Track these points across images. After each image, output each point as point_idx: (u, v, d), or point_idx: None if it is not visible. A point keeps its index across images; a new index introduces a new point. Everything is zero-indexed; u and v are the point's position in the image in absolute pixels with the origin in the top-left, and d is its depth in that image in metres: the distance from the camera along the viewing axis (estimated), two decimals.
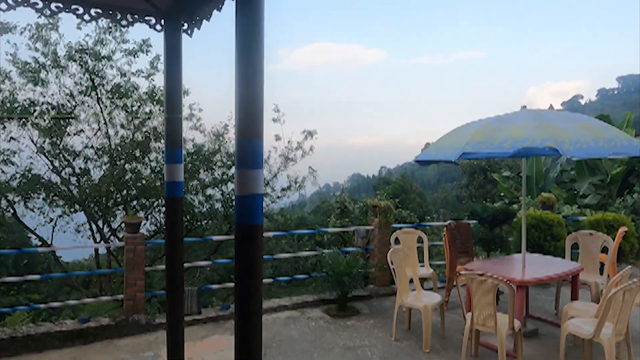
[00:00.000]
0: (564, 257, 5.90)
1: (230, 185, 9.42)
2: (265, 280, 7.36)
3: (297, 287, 10.43)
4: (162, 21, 3.36)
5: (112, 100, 8.57)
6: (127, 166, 8.44)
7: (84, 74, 8.33)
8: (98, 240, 8.95)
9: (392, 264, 4.86)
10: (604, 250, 5.82)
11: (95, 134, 8.67)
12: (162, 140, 8.12)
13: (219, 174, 9.21)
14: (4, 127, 7.90)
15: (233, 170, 9.46)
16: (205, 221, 9.43)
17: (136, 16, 3.31)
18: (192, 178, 8.66)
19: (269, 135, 9.35)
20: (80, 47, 8.18)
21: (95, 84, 8.44)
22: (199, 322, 5.42)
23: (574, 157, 3.82)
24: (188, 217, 8.76)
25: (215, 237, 7.44)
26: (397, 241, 6.36)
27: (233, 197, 9.27)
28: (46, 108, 8.16)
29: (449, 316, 5.44)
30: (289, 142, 9.69)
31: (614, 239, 5.79)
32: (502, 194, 16.70)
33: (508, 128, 4.36)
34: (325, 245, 9.57)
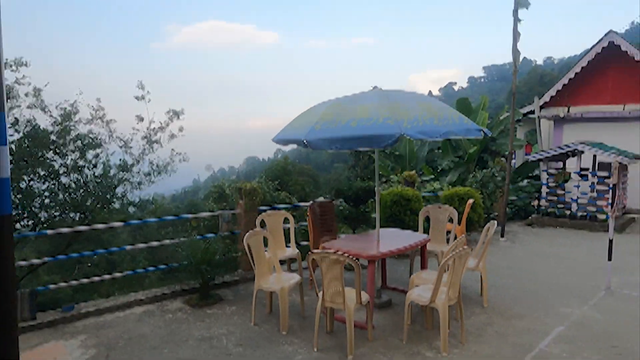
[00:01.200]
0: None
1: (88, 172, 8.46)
2: (120, 274, 6.77)
3: (164, 279, 9.88)
4: None
5: None
6: None
7: None
8: None
9: (248, 247, 4.70)
10: (453, 221, 6.35)
11: None
12: None
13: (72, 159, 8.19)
14: None
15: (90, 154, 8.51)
16: (59, 213, 8.37)
17: None
18: (36, 164, 7.56)
19: (132, 115, 8.53)
20: None
21: None
22: (34, 328, 4.74)
23: (409, 135, 3.97)
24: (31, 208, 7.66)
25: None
26: (263, 224, 6.24)
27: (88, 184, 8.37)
28: None
29: (313, 295, 5.49)
30: (163, 123, 8.95)
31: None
32: (380, 172, 17.66)
33: (356, 107, 4.42)
34: (202, 232, 9.15)
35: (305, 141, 4.24)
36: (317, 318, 4.23)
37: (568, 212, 10.47)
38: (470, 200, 7.66)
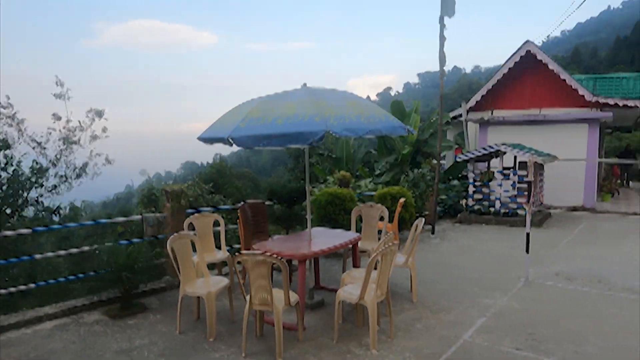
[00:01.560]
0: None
1: None
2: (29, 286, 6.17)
3: (92, 289, 9.18)
4: None
5: None
6: None
7: None
8: None
9: (172, 251, 4.45)
10: (384, 219, 6.45)
11: None
12: None
13: None
14: None
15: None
16: None
17: None
18: None
19: (47, 114, 7.85)
20: None
21: None
22: None
23: (335, 132, 3.95)
24: None
25: None
26: (193, 227, 5.97)
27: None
28: None
29: (243, 299, 5.31)
30: (82, 123, 8.30)
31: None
32: (317, 174, 17.74)
33: (282, 105, 4.33)
34: (130, 239, 8.60)
35: (230, 139, 4.09)
36: (245, 322, 4.08)
37: (492, 210, 11.08)
38: (402, 199, 7.83)
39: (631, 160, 13.98)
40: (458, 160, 12.03)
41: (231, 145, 4.11)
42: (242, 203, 5.85)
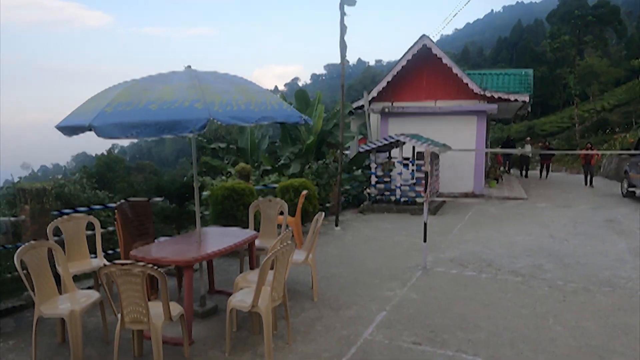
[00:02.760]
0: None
1: None
2: None
3: None
4: None
5: None
6: None
7: None
8: None
9: (22, 266, 3.65)
10: (284, 214, 6.12)
11: None
12: None
13: None
14: None
15: None
16: None
17: None
18: None
19: None
20: None
21: None
22: None
23: (220, 120, 3.48)
24: None
25: None
26: (59, 232, 5.09)
27: None
28: None
29: None
30: None
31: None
32: (220, 167, 16.93)
33: (159, 88, 3.74)
34: None
35: (91, 126, 3.41)
36: (116, 344, 3.46)
37: (393, 198, 11.37)
38: (304, 192, 7.59)
39: (517, 150, 15.37)
40: (360, 150, 12.15)
41: (97, 133, 3.43)
42: (120, 202, 5.10)
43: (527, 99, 13.98)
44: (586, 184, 17.40)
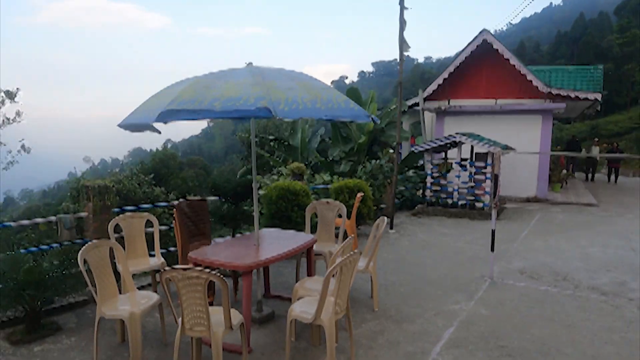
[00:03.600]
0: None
1: None
2: None
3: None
4: None
5: None
6: None
7: None
8: None
9: (85, 265, 3.61)
10: (342, 217, 5.86)
11: None
12: None
13: None
14: None
15: None
16: None
17: None
18: None
19: None
20: None
21: None
22: None
23: (287, 117, 3.28)
24: None
25: None
26: (118, 229, 5.11)
27: None
28: None
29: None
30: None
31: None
32: (271, 163, 16.93)
33: (222, 85, 3.57)
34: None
35: (154, 124, 3.29)
36: (176, 350, 3.34)
37: (450, 202, 10.82)
38: (360, 194, 7.28)
39: (586, 154, 14.30)
40: (415, 150, 11.68)
41: (159, 132, 3.31)
42: (179, 201, 5.03)
43: (599, 96, 12.92)
44: None
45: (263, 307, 4.62)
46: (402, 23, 8.48)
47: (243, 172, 16.50)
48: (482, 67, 13.84)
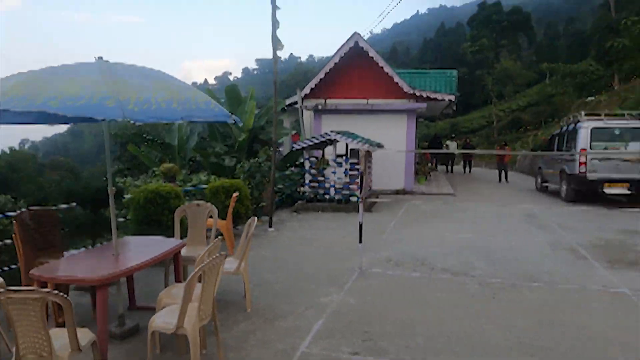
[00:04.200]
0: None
1: None
2: None
3: None
4: None
5: None
6: None
7: None
8: None
9: None
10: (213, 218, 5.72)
11: None
12: None
13: None
14: None
15: None
16: None
17: None
18: None
19: None
20: None
21: None
22: None
23: (138, 119, 3.07)
24: None
25: None
26: None
27: None
28: None
29: None
30: None
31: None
32: (147, 164, 15.85)
33: (62, 81, 3.22)
34: None
35: None
36: None
37: (328, 197, 11.28)
38: (235, 194, 7.21)
39: (445, 150, 16.04)
40: (294, 148, 11.93)
41: None
42: (19, 211, 4.42)
43: (452, 98, 14.56)
44: (500, 180, 18.40)
45: (126, 320, 4.30)
46: (275, 23, 8.56)
47: (114, 174, 15.17)
48: (354, 68, 14.65)
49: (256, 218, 4.95)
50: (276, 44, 8.50)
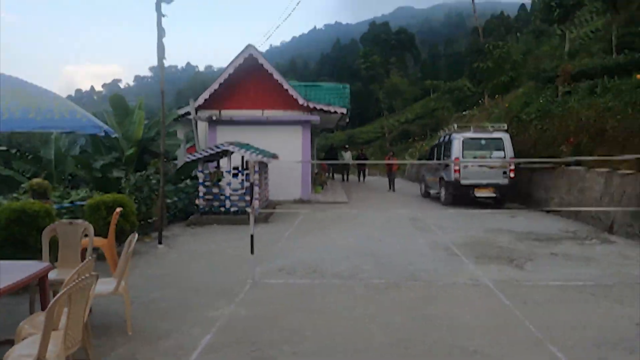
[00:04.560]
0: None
1: None
2: None
3: None
4: None
5: None
6: None
7: None
8: None
9: None
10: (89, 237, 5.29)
11: None
12: None
13: None
14: None
15: None
16: None
17: None
18: None
19: None
20: None
21: None
22: None
23: None
24: None
25: None
26: None
27: None
28: None
29: None
30: None
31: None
32: (17, 180, 14.06)
33: None
34: None
35: None
36: None
37: (223, 209, 11.08)
38: (118, 209, 6.74)
39: (341, 161, 16.76)
40: (187, 160, 11.55)
41: None
42: None
43: (344, 111, 15.29)
44: (390, 188, 19.67)
45: None
46: (161, 30, 8.26)
47: None
48: (250, 80, 14.67)
49: (137, 234, 4.70)
50: (162, 52, 8.21)
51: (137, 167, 13.19)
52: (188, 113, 14.97)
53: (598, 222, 9.80)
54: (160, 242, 8.48)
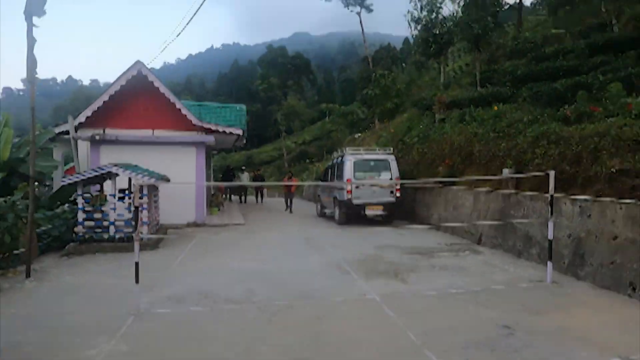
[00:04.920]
0: None
1: None
2: None
3: None
4: None
5: None
6: None
7: None
8: None
9: None
10: None
11: None
12: None
13: None
14: None
15: None
16: None
17: None
18: None
19: None
20: None
21: None
22: None
23: None
24: None
25: None
26: None
27: None
28: None
29: None
30: None
31: None
32: None
33: None
34: None
35: None
36: None
37: (107, 236, 10.21)
38: None
39: (237, 182, 16.51)
40: (65, 183, 10.49)
41: None
42: None
43: (240, 132, 15.21)
44: (287, 209, 19.72)
45: None
46: (31, 41, 7.51)
47: None
48: (139, 98, 13.91)
49: None
50: (33, 64, 7.45)
51: (1, 192, 11.62)
52: (67, 131, 13.65)
53: (470, 236, 10.97)
54: (28, 276, 7.51)
